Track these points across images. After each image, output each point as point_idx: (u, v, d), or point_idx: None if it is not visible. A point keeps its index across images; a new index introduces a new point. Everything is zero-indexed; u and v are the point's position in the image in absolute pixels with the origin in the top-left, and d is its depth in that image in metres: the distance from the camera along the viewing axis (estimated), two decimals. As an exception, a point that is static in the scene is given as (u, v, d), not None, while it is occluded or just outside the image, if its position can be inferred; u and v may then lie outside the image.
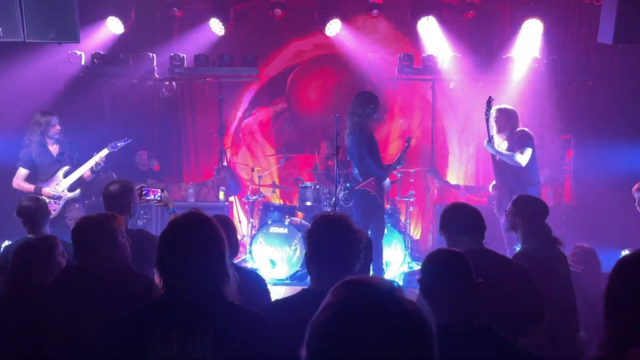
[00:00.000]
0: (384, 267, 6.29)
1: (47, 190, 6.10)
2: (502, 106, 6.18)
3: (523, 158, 5.80)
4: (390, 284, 1.24)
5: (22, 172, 6.21)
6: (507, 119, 6.02)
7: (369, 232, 5.93)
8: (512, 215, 3.89)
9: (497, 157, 5.98)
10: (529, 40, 8.30)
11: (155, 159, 8.68)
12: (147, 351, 2.05)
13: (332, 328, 1.15)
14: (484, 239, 3.38)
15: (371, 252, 3.25)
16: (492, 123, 6.01)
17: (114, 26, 8.04)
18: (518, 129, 5.98)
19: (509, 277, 3.15)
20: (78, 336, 2.77)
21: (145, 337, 2.06)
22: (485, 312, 2.57)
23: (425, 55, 8.36)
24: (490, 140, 5.93)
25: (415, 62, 8.38)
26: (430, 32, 8.32)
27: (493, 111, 6.03)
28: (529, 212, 3.85)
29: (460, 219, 3.32)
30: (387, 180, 6.09)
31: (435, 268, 2.32)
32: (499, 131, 6.07)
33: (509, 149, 5.94)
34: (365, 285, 1.22)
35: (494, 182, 6.23)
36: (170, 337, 2.05)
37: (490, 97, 6.05)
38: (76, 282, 2.93)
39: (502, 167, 5.96)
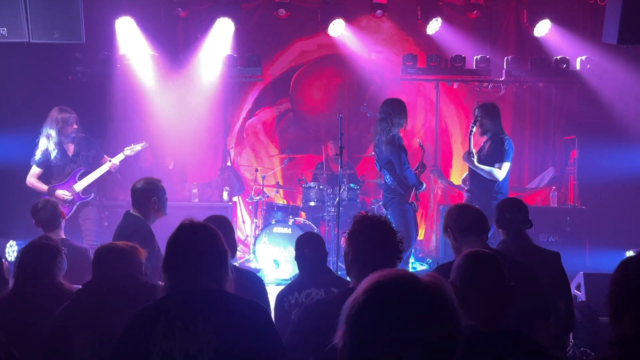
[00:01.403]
0: None
1: (60, 193, 5.98)
2: (482, 104, 6.08)
3: (501, 173, 5.74)
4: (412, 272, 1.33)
5: (36, 170, 6.05)
6: (491, 118, 5.88)
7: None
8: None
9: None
10: (533, 40, 8.30)
11: (171, 158, 8.70)
12: (151, 343, 2.10)
13: (372, 306, 1.23)
14: (488, 239, 3.40)
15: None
16: (474, 135, 5.99)
17: (123, 26, 8.03)
18: (501, 135, 5.89)
19: (515, 276, 3.14)
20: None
21: (148, 332, 2.12)
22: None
23: (429, 55, 8.37)
24: (470, 153, 5.90)
25: (419, 63, 8.38)
26: (440, 33, 8.36)
27: (475, 111, 5.99)
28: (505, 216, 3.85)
29: (465, 220, 3.33)
30: (424, 186, 6.12)
31: (469, 269, 2.28)
32: (483, 133, 5.96)
33: (488, 152, 5.88)
34: (397, 271, 1.31)
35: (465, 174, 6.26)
36: (173, 326, 2.11)
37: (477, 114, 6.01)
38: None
39: (474, 174, 5.96)
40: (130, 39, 8.08)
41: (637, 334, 1.87)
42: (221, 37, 8.41)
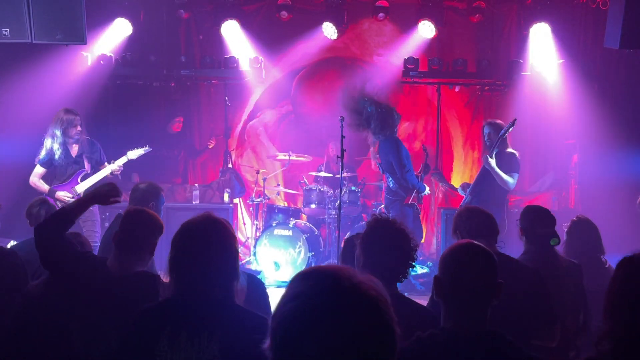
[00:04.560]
0: None
1: (61, 194, 5.99)
2: (490, 121, 6.19)
3: (514, 183, 5.89)
4: (349, 270, 1.18)
5: (39, 170, 6.08)
6: (498, 135, 5.99)
7: None
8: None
9: (482, 169, 6.02)
10: (535, 44, 8.29)
11: (213, 139, 8.73)
12: (155, 352, 2.07)
13: (297, 319, 1.11)
14: (497, 242, 3.39)
15: None
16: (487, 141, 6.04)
17: (122, 28, 8.05)
18: (507, 149, 5.93)
19: (521, 281, 3.14)
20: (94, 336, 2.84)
21: (154, 338, 2.09)
22: (497, 316, 2.54)
23: (431, 58, 8.37)
24: (492, 157, 5.93)
25: (421, 66, 8.38)
26: (431, 35, 8.34)
27: (484, 127, 6.07)
28: (527, 220, 3.86)
29: (474, 223, 3.33)
30: (427, 189, 6.10)
31: (458, 264, 2.03)
32: (491, 148, 6.00)
33: (498, 165, 5.90)
34: (325, 275, 1.17)
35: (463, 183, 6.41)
36: (178, 338, 2.07)
37: (515, 119, 6.04)
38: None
39: (485, 180, 5.96)
40: (130, 40, 8.12)
41: (626, 335, 1.88)
42: (223, 39, 8.44)
